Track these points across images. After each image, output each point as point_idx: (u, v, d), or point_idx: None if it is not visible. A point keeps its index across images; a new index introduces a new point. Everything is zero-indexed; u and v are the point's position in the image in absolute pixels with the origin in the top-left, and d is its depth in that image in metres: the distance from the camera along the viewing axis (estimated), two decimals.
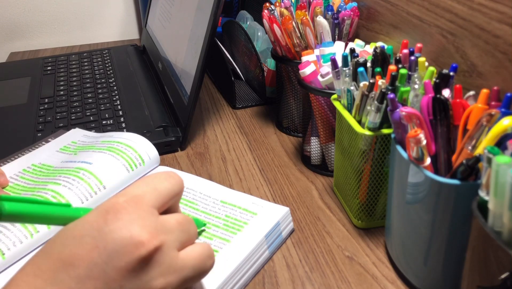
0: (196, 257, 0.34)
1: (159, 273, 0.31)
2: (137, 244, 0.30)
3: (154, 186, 0.34)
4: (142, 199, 0.32)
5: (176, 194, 0.35)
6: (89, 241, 0.30)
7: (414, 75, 0.43)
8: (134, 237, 0.30)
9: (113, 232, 0.30)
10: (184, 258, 0.33)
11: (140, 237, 0.30)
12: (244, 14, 0.94)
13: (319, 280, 0.44)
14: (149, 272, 0.30)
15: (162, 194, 0.34)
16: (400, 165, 0.40)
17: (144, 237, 0.30)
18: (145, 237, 0.30)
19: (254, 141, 0.68)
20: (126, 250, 0.30)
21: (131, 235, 0.30)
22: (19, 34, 1.16)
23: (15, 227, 0.44)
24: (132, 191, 0.33)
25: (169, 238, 0.32)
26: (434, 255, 0.39)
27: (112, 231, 0.30)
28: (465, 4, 0.47)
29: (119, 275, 0.29)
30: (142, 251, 0.30)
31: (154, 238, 0.31)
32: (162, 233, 0.31)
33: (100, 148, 0.56)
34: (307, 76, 0.55)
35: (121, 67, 0.93)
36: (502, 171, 0.27)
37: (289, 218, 0.49)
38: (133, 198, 0.32)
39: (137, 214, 0.31)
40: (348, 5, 0.63)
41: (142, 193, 0.33)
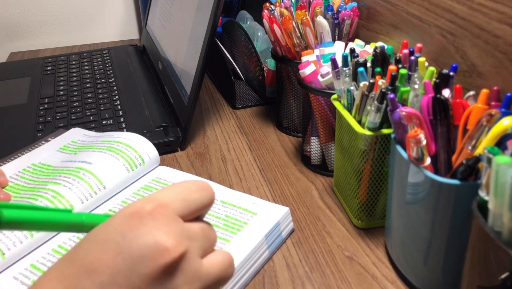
0: (219, 266, 0.33)
1: (184, 281, 0.30)
2: (162, 251, 0.29)
3: (184, 196, 0.33)
4: (169, 207, 0.31)
5: (205, 206, 0.34)
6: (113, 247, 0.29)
7: (414, 75, 0.43)
8: (159, 243, 0.29)
9: (138, 238, 0.29)
10: (208, 266, 0.32)
11: (166, 243, 0.29)
12: (244, 14, 0.94)
13: (319, 280, 0.44)
14: (174, 280, 0.30)
15: (190, 205, 0.33)
16: (400, 165, 0.40)
17: (169, 243, 0.29)
18: (170, 243, 0.29)
19: (254, 141, 0.68)
20: (151, 256, 0.29)
21: (156, 241, 0.29)
22: (19, 34, 1.16)
23: None
24: (160, 197, 0.32)
25: (193, 244, 0.31)
26: (434, 255, 0.39)
27: (137, 237, 0.29)
28: (465, 4, 0.47)
29: (143, 283, 0.29)
30: (167, 258, 0.29)
31: (180, 244, 0.30)
32: (186, 239, 0.31)
33: (100, 148, 0.56)
34: (307, 76, 0.55)
35: (121, 67, 0.93)
36: (502, 171, 0.27)
37: (289, 218, 0.49)
38: (160, 204, 0.31)
39: (162, 220, 0.30)
40: (348, 5, 0.63)
41: (169, 201, 0.32)
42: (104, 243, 0.29)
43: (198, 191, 0.34)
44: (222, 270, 0.33)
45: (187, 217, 0.33)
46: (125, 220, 0.30)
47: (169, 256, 0.29)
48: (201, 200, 0.33)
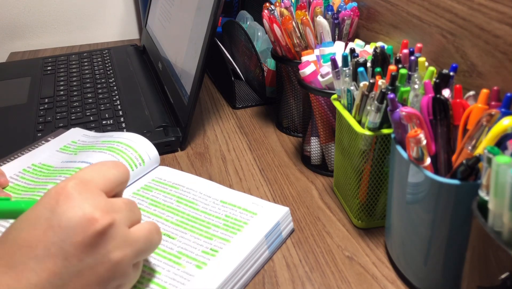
0: (146, 232, 0.37)
1: (115, 246, 0.33)
2: (91, 220, 0.32)
3: (103, 172, 0.36)
4: (91, 182, 0.35)
5: (123, 182, 0.38)
6: (43, 222, 0.32)
7: (414, 75, 0.43)
8: (87, 214, 0.32)
9: (67, 211, 0.32)
10: (136, 232, 0.36)
11: (93, 214, 0.32)
12: (244, 14, 0.94)
13: (319, 280, 0.44)
14: (105, 245, 0.33)
15: (110, 180, 0.36)
16: (400, 165, 0.40)
17: (97, 214, 0.33)
18: (98, 214, 0.33)
19: (254, 141, 0.68)
20: (81, 226, 0.32)
21: (84, 212, 0.32)
22: (19, 34, 1.16)
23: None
24: (81, 175, 0.35)
25: (119, 216, 0.34)
26: (434, 255, 0.39)
27: (66, 211, 0.32)
28: (465, 4, 0.47)
29: (77, 250, 0.31)
30: (97, 226, 0.32)
31: (106, 214, 0.33)
32: (112, 211, 0.34)
33: (100, 148, 0.56)
34: (307, 76, 0.55)
35: (121, 67, 0.93)
36: (502, 171, 0.27)
37: (289, 218, 0.49)
38: (83, 181, 0.34)
39: (87, 195, 0.33)
40: (348, 5, 0.63)
41: (91, 178, 0.35)
42: (34, 220, 0.32)
43: (114, 167, 0.37)
44: (149, 235, 0.37)
45: (109, 193, 0.36)
46: (52, 197, 0.33)
47: (98, 224, 0.32)
48: (118, 175, 0.37)
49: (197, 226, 0.47)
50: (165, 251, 0.44)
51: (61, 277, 0.31)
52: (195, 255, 0.43)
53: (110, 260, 0.33)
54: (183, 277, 0.41)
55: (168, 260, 0.43)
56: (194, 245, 0.44)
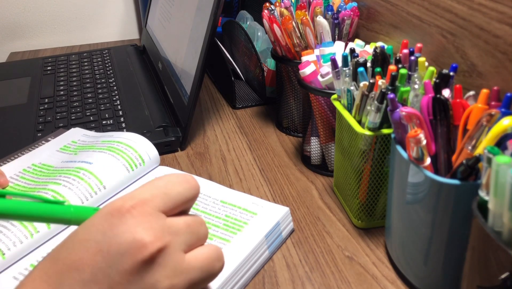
0: (204, 259, 0.33)
1: (165, 275, 0.30)
2: (140, 247, 0.29)
3: (165, 190, 0.33)
4: (150, 203, 0.32)
5: (189, 199, 0.34)
6: (93, 245, 0.30)
7: (414, 75, 0.43)
8: (136, 240, 0.30)
9: (117, 236, 0.30)
10: (191, 260, 0.32)
11: (144, 239, 0.30)
12: (244, 14, 0.94)
13: (319, 280, 0.44)
14: (153, 274, 0.30)
15: (172, 199, 0.33)
16: (400, 165, 0.40)
17: (147, 239, 0.30)
18: (148, 239, 0.30)
19: (254, 141, 0.68)
20: (129, 252, 0.29)
21: (134, 238, 0.30)
22: (19, 34, 1.16)
23: (15, 226, 0.44)
24: (141, 194, 0.32)
25: (175, 239, 0.31)
26: (434, 255, 0.39)
27: (116, 235, 0.30)
28: (465, 4, 0.47)
29: (123, 279, 0.29)
30: (145, 253, 0.29)
31: (158, 240, 0.30)
32: (167, 234, 0.31)
33: (101, 148, 0.56)
34: (307, 76, 0.55)
35: (121, 67, 0.93)
36: (502, 171, 0.27)
37: (289, 218, 0.49)
38: (140, 201, 0.31)
39: (142, 218, 0.31)
40: (348, 5, 0.63)
41: (150, 197, 0.32)
42: (85, 242, 0.30)
43: (181, 184, 0.33)
44: (207, 263, 0.33)
45: (171, 212, 0.33)
46: (105, 218, 0.30)
47: (146, 251, 0.29)
48: (184, 193, 0.33)
49: None
50: None
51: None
52: None
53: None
54: None
55: None
56: None
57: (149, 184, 0.33)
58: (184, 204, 0.33)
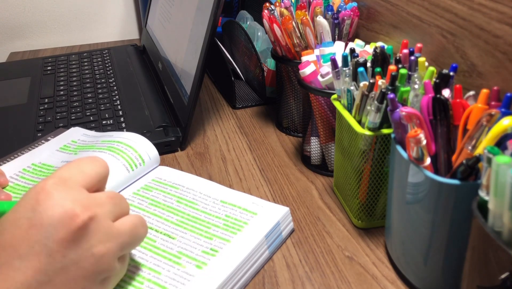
0: (131, 225, 0.37)
1: (98, 240, 0.34)
2: (72, 216, 0.32)
3: (81, 168, 0.37)
4: (70, 179, 0.35)
5: (103, 176, 0.38)
6: (25, 222, 0.32)
7: (414, 75, 0.43)
8: (67, 211, 0.33)
9: (47, 209, 0.32)
10: (119, 226, 0.36)
11: (74, 210, 0.33)
12: (244, 14, 0.94)
13: (319, 280, 0.44)
14: (88, 240, 0.33)
15: (89, 176, 0.37)
16: (400, 165, 0.40)
17: (77, 209, 0.33)
18: (78, 209, 0.33)
19: (254, 141, 0.68)
20: (62, 222, 0.32)
21: (64, 209, 0.32)
22: (19, 34, 1.16)
23: None
24: (60, 173, 0.35)
25: (101, 210, 0.35)
26: (434, 255, 0.39)
27: (46, 209, 0.32)
28: (465, 4, 0.47)
29: (61, 247, 0.32)
30: (77, 222, 0.33)
31: (87, 209, 0.33)
32: (94, 205, 0.34)
33: (101, 148, 0.56)
34: (307, 76, 0.55)
35: (121, 67, 0.93)
36: (502, 171, 0.27)
37: (289, 218, 0.49)
38: (61, 179, 0.35)
39: (67, 192, 0.34)
40: (348, 5, 0.63)
41: (69, 175, 0.35)
42: (16, 221, 0.32)
43: (92, 162, 0.38)
44: (134, 228, 0.37)
45: (91, 189, 0.36)
46: (31, 197, 0.33)
47: (79, 220, 0.33)
48: (97, 170, 0.38)
49: (197, 226, 0.47)
50: (165, 251, 0.44)
51: (47, 274, 0.32)
52: (195, 255, 0.43)
53: (93, 254, 0.33)
54: (183, 277, 0.41)
55: (168, 260, 0.43)
56: (194, 245, 0.44)
57: (65, 166, 0.37)
58: (99, 181, 0.38)
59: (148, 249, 0.44)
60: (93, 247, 0.34)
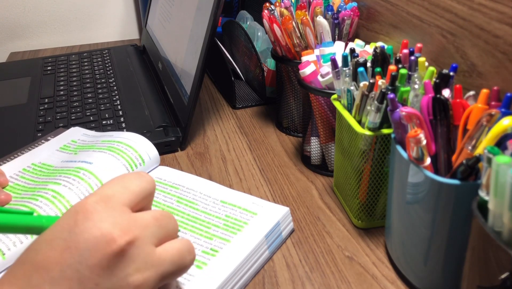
0: (175, 252, 0.33)
1: (135, 268, 0.30)
2: (108, 241, 0.30)
3: (125, 184, 0.33)
4: (113, 197, 0.32)
5: (149, 193, 0.35)
6: (60, 243, 0.30)
7: (414, 75, 0.43)
8: (104, 234, 0.30)
9: (84, 232, 0.30)
10: (162, 253, 0.32)
11: (111, 233, 0.30)
12: (244, 14, 0.94)
13: (319, 280, 0.44)
14: (124, 268, 0.30)
15: (133, 192, 0.33)
16: (400, 165, 0.40)
17: (115, 233, 0.30)
18: (116, 233, 0.30)
19: (254, 141, 0.68)
20: (97, 247, 0.29)
21: (101, 232, 0.30)
22: (19, 34, 1.16)
23: None
24: (103, 191, 0.33)
25: (143, 233, 0.31)
26: (434, 255, 0.39)
27: (83, 231, 0.30)
28: (465, 4, 0.47)
29: (93, 273, 0.29)
30: (114, 247, 0.30)
31: (126, 233, 0.30)
32: (135, 228, 0.31)
33: (101, 148, 0.56)
34: (307, 76, 0.55)
35: (121, 67, 0.93)
36: (502, 171, 0.27)
37: (289, 218, 0.49)
38: (103, 197, 0.32)
39: (107, 212, 0.31)
40: (348, 5, 0.63)
41: (112, 192, 0.32)
42: (51, 241, 0.30)
43: (138, 178, 0.34)
44: (178, 256, 0.33)
45: (135, 207, 0.33)
46: (70, 217, 0.31)
47: (115, 245, 0.29)
48: (143, 186, 0.34)
49: (197, 226, 0.47)
50: None
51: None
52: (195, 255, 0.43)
53: (129, 284, 0.30)
54: (183, 277, 0.41)
55: None
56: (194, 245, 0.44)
57: (109, 182, 0.34)
58: (145, 198, 0.34)
59: None
60: (130, 276, 0.30)
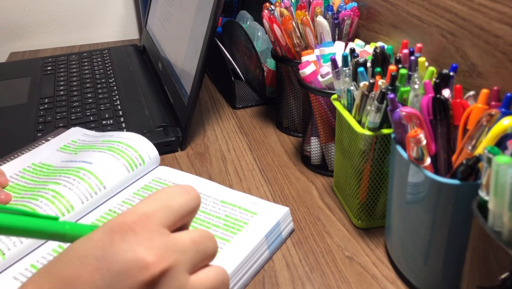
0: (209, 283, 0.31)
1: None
2: (141, 267, 0.28)
3: (166, 203, 0.31)
4: (152, 218, 0.30)
5: (191, 211, 0.32)
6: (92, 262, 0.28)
7: (414, 75, 0.43)
8: (138, 259, 0.28)
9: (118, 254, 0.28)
10: (195, 283, 0.30)
11: (146, 259, 0.28)
12: (244, 14, 0.94)
13: (319, 280, 0.44)
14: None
15: (174, 211, 0.31)
16: (400, 165, 0.40)
17: (150, 259, 0.28)
18: (151, 259, 0.28)
19: (254, 141, 0.68)
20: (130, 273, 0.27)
21: (136, 257, 0.28)
22: (19, 34, 1.16)
23: None
24: (142, 208, 0.30)
25: (179, 259, 0.29)
26: (434, 255, 0.39)
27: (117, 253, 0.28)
28: (465, 4, 0.47)
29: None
30: (146, 275, 0.27)
31: (161, 260, 0.28)
32: (172, 254, 0.29)
33: (101, 148, 0.56)
34: (307, 76, 0.55)
35: (121, 67, 0.93)
36: (502, 171, 0.27)
37: (289, 218, 0.49)
38: (142, 216, 0.30)
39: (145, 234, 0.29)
40: (348, 5, 0.63)
41: (152, 211, 0.30)
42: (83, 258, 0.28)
43: (182, 195, 0.32)
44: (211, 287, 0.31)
45: (174, 226, 0.31)
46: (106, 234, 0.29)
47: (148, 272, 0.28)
48: (186, 204, 0.32)
49: (197, 226, 0.47)
50: None
51: None
52: None
53: None
54: None
55: None
56: None
57: (149, 198, 0.32)
58: (186, 216, 0.32)
59: None
60: None
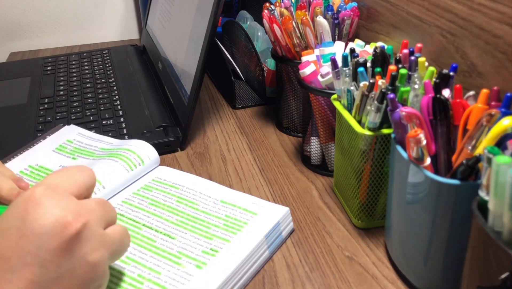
0: (120, 234, 0.37)
1: (92, 248, 0.33)
2: (64, 224, 0.31)
3: (70, 175, 0.36)
4: (59, 186, 0.34)
5: (91, 185, 0.37)
6: (15, 232, 0.31)
7: (414, 75, 0.43)
8: (59, 219, 0.31)
9: (38, 219, 0.31)
10: (111, 233, 0.36)
11: (66, 218, 0.32)
12: (244, 14, 0.94)
13: (319, 280, 0.44)
14: (82, 248, 0.32)
15: (77, 183, 0.36)
16: (400, 165, 0.40)
17: (69, 217, 0.32)
18: (70, 217, 0.32)
19: (254, 141, 0.68)
20: (55, 231, 0.31)
21: (56, 217, 0.31)
22: (19, 34, 1.16)
23: None
24: (48, 181, 0.35)
25: (93, 217, 0.34)
26: (434, 255, 0.39)
27: (37, 218, 0.31)
28: (465, 4, 0.47)
29: (54, 257, 0.31)
30: (71, 230, 0.32)
31: (79, 216, 0.33)
32: (85, 212, 0.33)
33: (101, 156, 0.56)
34: (307, 76, 0.55)
35: (121, 67, 0.93)
36: (502, 171, 0.27)
37: (289, 218, 0.49)
38: (50, 186, 0.34)
39: (56, 199, 0.33)
40: (348, 5, 0.63)
41: (57, 182, 0.35)
42: (4, 232, 0.31)
43: (79, 171, 0.37)
44: (122, 237, 0.37)
45: (79, 196, 0.35)
46: (20, 207, 0.32)
47: (72, 228, 0.32)
48: (85, 179, 0.37)
49: (197, 226, 0.47)
50: (165, 251, 0.44)
51: (40, 285, 0.30)
52: (195, 255, 0.43)
53: (88, 262, 0.33)
54: (183, 277, 0.41)
55: (168, 260, 0.43)
56: (194, 245, 0.44)
57: (53, 174, 0.36)
58: (87, 190, 0.37)
59: (148, 249, 0.44)
60: (88, 255, 0.33)
